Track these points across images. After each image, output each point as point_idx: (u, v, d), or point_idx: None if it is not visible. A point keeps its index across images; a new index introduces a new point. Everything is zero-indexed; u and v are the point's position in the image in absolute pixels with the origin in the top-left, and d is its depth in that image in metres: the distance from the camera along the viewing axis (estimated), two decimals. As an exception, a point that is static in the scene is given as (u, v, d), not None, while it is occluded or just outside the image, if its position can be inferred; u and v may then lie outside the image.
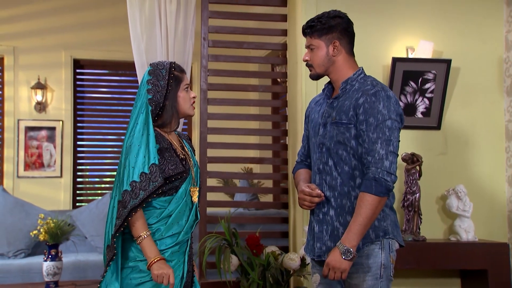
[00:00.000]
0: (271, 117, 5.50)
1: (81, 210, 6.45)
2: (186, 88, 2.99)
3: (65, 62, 7.55)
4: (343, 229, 2.91)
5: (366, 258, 2.90)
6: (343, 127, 2.91)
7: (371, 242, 2.90)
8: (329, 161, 2.97)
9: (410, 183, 4.48)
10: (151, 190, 2.75)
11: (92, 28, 7.58)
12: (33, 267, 5.71)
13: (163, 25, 4.59)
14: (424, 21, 4.73)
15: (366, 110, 2.86)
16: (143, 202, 2.74)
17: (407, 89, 4.60)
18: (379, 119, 2.83)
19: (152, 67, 2.95)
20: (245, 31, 4.87)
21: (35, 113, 7.43)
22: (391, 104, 2.88)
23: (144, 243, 2.77)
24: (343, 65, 3.01)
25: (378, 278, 2.89)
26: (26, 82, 7.39)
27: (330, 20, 2.97)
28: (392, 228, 2.95)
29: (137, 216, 2.76)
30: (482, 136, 4.77)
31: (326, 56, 2.99)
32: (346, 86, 2.99)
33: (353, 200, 2.91)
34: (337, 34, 2.98)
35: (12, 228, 6.08)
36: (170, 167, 2.85)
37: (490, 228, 4.72)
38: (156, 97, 2.88)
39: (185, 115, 3.04)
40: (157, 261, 2.76)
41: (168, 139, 2.95)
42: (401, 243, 3.02)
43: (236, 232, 4.38)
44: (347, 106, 2.93)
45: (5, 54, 7.41)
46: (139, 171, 2.75)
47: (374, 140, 2.82)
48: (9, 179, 7.30)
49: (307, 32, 3.02)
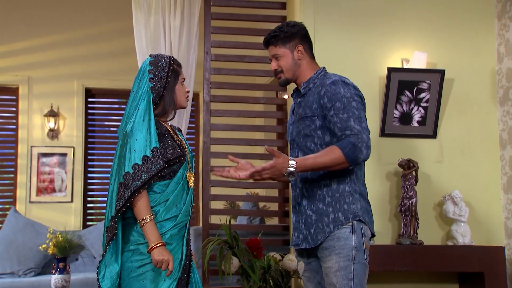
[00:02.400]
0: (273, 128, 5.65)
1: (90, 230, 6.59)
2: (183, 82, 3.19)
3: (77, 91, 7.79)
4: (315, 216, 3.06)
5: (337, 241, 2.99)
6: (308, 120, 3.08)
7: (341, 225, 3.00)
8: (299, 154, 3.15)
9: (407, 188, 4.59)
10: (153, 172, 2.89)
11: (103, 58, 7.85)
12: (42, 284, 5.84)
13: (167, 39, 4.83)
14: (418, 34, 4.91)
15: (330, 98, 3.01)
16: (145, 184, 2.88)
17: (403, 98, 4.76)
18: (344, 102, 2.99)
19: (153, 58, 3.13)
20: (245, 45, 5.07)
21: (47, 140, 7.64)
22: (351, 88, 3.05)
23: (147, 226, 2.89)
24: (307, 67, 3.21)
25: (350, 260, 2.96)
26: (39, 110, 7.63)
27: (291, 28, 3.19)
28: (363, 213, 3.05)
29: (141, 199, 2.89)
30: (477, 144, 4.90)
31: (292, 61, 3.18)
32: (309, 85, 3.18)
33: (323, 187, 3.06)
34: (299, 40, 3.19)
35: (22, 248, 6.23)
36: (169, 152, 3.01)
37: (487, 234, 4.81)
38: (157, 86, 3.05)
39: (180, 107, 3.21)
40: (159, 246, 2.87)
41: (165, 126, 3.12)
42: (372, 231, 3.11)
43: (237, 235, 4.49)
44: (310, 101, 3.11)
45: (20, 84, 7.66)
46: (141, 154, 2.90)
47: (346, 119, 2.95)
48: (22, 204, 7.46)
49: (271, 42, 3.21)
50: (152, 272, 2.93)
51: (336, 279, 2.96)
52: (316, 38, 4.65)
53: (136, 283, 2.93)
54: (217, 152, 4.97)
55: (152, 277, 2.93)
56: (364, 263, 3.01)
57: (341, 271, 2.96)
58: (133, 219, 2.96)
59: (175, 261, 2.97)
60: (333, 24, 4.82)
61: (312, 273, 3.20)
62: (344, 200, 3.02)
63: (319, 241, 3.03)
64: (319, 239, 3.03)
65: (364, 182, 3.15)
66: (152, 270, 2.92)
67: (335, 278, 2.97)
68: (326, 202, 3.04)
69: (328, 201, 3.04)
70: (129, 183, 2.87)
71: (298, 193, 3.17)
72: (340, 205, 3.02)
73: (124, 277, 2.97)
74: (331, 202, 3.03)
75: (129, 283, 2.95)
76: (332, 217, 3.01)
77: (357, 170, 3.10)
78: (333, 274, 2.97)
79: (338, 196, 3.03)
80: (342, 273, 2.95)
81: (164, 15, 4.87)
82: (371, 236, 3.12)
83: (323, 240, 3.02)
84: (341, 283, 2.95)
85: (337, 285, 2.96)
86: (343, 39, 4.83)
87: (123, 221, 2.98)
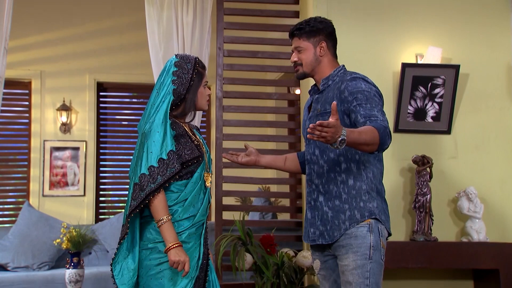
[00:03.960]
0: (285, 123, 5.63)
1: (103, 224, 6.61)
2: (205, 84, 3.18)
3: (89, 85, 7.80)
4: (331, 213, 3.06)
5: (355, 239, 2.99)
6: (327, 116, 3.03)
7: (356, 222, 3.00)
8: (315, 151, 3.15)
9: (421, 184, 4.57)
10: (168, 175, 2.89)
11: (115, 52, 7.85)
12: (56, 278, 5.85)
13: (180, 35, 4.81)
14: (433, 29, 4.87)
15: (350, 92, 3.00)
16: (160, 186, 2.88)
17: (417, 94, 4.72)
18: (366, 94, 2.98)
19: (178, 59, 3.12)
20: (259, 41, 5.05)
21: (60, 134, 7.66)
22: (371, 85, 3.05)
23: (164, 227, 2.89)
24: (328, 65, 3.20)
25: (367, 258, 2.97)
26: (52, 104, 7.64)
27: (318, 24, 3.18)
28: (380, 211, 3.05)
29: (159, 200, 2.89)
30: (492, 140, 4.86)
31: (314, 56, 3.18)
32: (328, 82, 3.17)
33: (339, 184, 3.06)
34: (323, 36, 3.18)
35: (36, 242, 6.25)
36: (186, 152, 3.01)
37: (502, 231, 4.78)
38: (179, 88, 3.05)
39: (200, 109, 3.21)
40: (176, 247, 2.88)
41: (183, 126, 3.11)
42: (389, 230, 3.10)
43: (250, 232, 4.49)
44: (330, 97, 3.09)
45: (33, 78, 7.68)
46: (157, 157, 2.90)
47: (370, 108, 2.94)
48: (35, 197, 7.50)
49: (296, 34, 3.20)
50: (170, 271, 2.93)
51: (352, 277, 2.97)
52: (330, 34, 4.63)
53: (154, 281, 2.95)
54: (229, 148, 4.94)
55: (170, 275, 2.94)
56: (380, 263, 3.01)
57: (357, 270, 2.97)
58: (150, 217, 2.97)
59: (192, 260, 2.99)
60: (346, 19, 4.79)
61: (328, 271, 3.20)
62: (360, 197, 3.03)
63: (336, 238, 3.04)
64: (335, 236, 3.04)
65: (381, 180, 3.14)
66: (170, 269, 2.93)
67: (351, 276, 2.98)
68: (342, 199, 3.04)
69: (344, 198, 3.04)
70: (144, 185, 2.88)
71: (313, 189, 3.17)
72: (357, 203, 3.02)
73: (142, 275, 2.98)
74: (348, 199, 3.03)
75: (147, 281, 2.96)
76: (348, 215, 3.02)
77: (374, 168, 3.10)
78: (350, 272, 2.98)
79: (354, 193, 3.04)
80: (358, 271, 2.96)
81: (177, 10, 4.86)
82: (388, 235, 3.12)
83: (339, 237, 3.03)
84: (357, 281, 2.96)
85: (353, 283, 2.97)
86: (357, 34, 4.79)
87: (141, 219, 3.00)
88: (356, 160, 3.07)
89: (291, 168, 3.51)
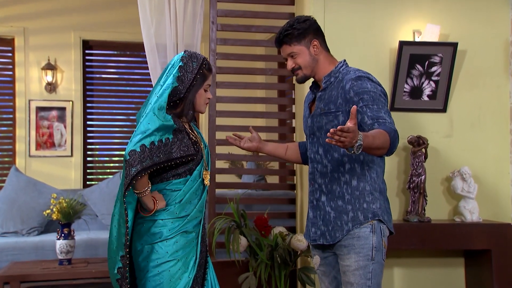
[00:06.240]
0: (278, 100, 5.55)
1: (92, 189, 6.56)
2: (208, 87, 3.09)
3: (74, 43, 7.62)
4: (334, 213, 3.05)
5: (358, 240, 3.00)
6: (332, 116, 3.02)
7: (360, 224, 3.00)
8: (319, 150, 3.12)
9: (416, 165, 4.55)
10: (156, 161, 2.84)
11: (101, 9, 7.64)
12: (46, 245, 5.84)
13: (172, 9, 4.64)
14: (430, 5, 4.76)
15: (356, 92, 2.95)
16: (147, 169, 2.82)
17: (414, 72, 4.65)
18: (372, 95, 2.94)
19: (187, 55, 3.03)
20: (253, 14, 4.90)
21: (45, 93, 7.52)
22: (376, 85, 3.01)
23: (147, 197, 2.90)
24: (325, 62, 3.14)
25: (369, 259, 2.99)
26: (36, 63, 7.47)
27: (303, 24, 3.10)
28: (382, 212, 3.04)
29: (142, 179, 2.86)
30: (488, 118, 4.82)
31: (310, 57, 3.11)
32: (330, 79, 3.11)
33: (343, 185, 3.04)
34: (312, 35, 3.11)
35: (25, 207, 6.20)
36: (182, 148, 2.95)
37: (495, 209, 4.79)
38: (180, 86, 2.99)
39: (198, 112, 3.13)
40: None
41: (181, 122, 3.04)
42: (391, 229, 3.12)
43: (244, 214, 4.48)
44: (334, 95, 3.04)
45: (16, 35, 7.48)
46: (150, 140, 2.83)
47: (377, 109, 2.90)
48: (21, 158, 7.43)
49: (285, 41, 3.11)
50: (169, 272, 2.94)
51: (354, 278, 2.99)
52: (326, 10, 4.53)
53: (153, 282, 2.95)
54: (222, 126, 4.87)
55: (168, 276, 2.94)
56: (382, 263, 3.04)
57: (359, 270, 2.99)
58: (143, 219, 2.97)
59: (190, 260, 3.00)
60: (343, -6, 4.66)
61: (328, 267, 3.22)
62: (363, 198, 3.02)
63: (337, 238, 3.04)
64: (337, 237, 3.04)
65: (383, 179, 3.13)
66: (168, 270, 2.94)
67: (353, 277, 3.00)
68: (345, 200, 3.03)
69: (347, 198, 3.03)
70: (134, 162, 2.81)
71: (316, 188, 3.14)
72: (360, 204, 3.01)
73: (140, 277, 2.98)
74: (351, 200, 3.02)
75: (146, 283, 2.96)
76: (351, 216, 3.01)
77: (377, 168, 3.09)
78: (351, 272, 3.00)
79: (358, 194, 3.02)
80: (360, 272, 2.99)
81: (169, -17, 4.68)
82: (389, 234, 3.12)
83: (341, 238, 3.03)
84: (359, 282, 2.99)
85: (354, 284, 3.00)
86: (354, 11, 4.67)
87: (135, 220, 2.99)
88: (360, 161, 3.04)
89: (291, 158, 3.51)
